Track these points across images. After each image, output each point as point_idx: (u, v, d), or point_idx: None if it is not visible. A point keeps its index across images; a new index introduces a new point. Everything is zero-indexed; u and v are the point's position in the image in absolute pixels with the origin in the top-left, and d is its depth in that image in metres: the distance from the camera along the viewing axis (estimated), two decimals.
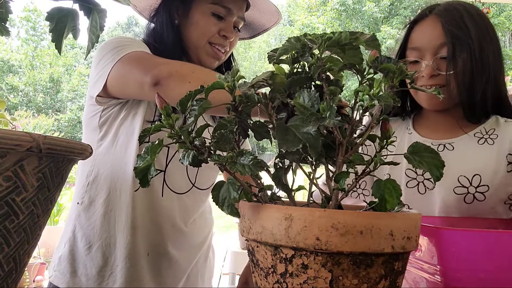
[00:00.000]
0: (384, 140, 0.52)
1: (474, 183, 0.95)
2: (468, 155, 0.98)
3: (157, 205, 1.04)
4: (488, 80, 0.97)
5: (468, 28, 0.97)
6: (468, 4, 1.03)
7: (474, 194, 0.95)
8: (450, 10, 1.00)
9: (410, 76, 0.50)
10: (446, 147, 1.02)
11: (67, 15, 0.67)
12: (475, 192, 0.95)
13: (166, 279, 1.07)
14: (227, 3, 1.07)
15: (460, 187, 0.96)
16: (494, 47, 0.99)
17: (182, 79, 0.87)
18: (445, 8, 1.01)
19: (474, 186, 0.95)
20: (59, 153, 0.53)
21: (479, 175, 0.95)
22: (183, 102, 0.53)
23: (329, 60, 0.51)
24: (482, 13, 1.02)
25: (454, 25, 0.97)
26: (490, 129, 1.01)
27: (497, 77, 0.99)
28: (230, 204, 0.49)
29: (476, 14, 1.00)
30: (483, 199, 0.94)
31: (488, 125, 1.01)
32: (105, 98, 1.02)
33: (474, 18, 0.98)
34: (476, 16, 0.99)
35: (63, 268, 1.03)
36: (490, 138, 0.99)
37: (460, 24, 0.97)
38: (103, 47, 1.01)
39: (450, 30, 0.97)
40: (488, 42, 0.98)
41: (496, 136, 0.99)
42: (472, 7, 1.02)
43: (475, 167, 0.96)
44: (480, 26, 0.98)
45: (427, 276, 0.63)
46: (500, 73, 1.00)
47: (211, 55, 1.10)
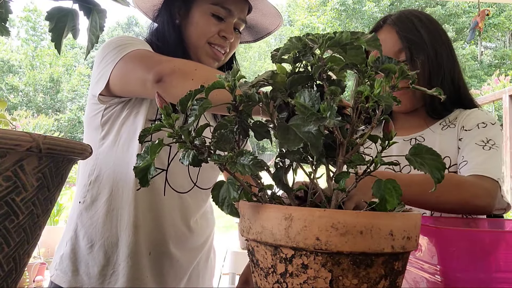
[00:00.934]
0: (386, 140, 0.52)
1: (446, 164, 1.02)
2: (436, 141, 1.07)
3: (159, 204, 1.04)
4: (444, 79, 1.06)
5: (420, 33, 1.06)
6: (418, 12, 1.12)
7: None
8: (402, 18, 1.09)
9: (411, 77, 0.50)
10: (417, 139, 1.11)
11: (66, 15, 0.67)
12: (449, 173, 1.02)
13: (168, 279, 1.07)
14: (228, 5, 1.07)
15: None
16: (446, 48, 1.08)
17: (184, 76, 0.87)
18: (397, 17, 1.10)
19: (447, 168, 1.02)
20: (59, 153, 0.53)
21: (448, 157, 1.04)
22: (183, 101, 0.53)
23: (331, 60, 0.51)
24: (431, 18, 1.11)
25: (408, 32, 1.06)
26: (453, 118, 1.10)
27: (452, 75, 1.08)
28: (230, 204, 0.49)
29: (426, 20, 1.09)
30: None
31: (452, 116, 1.11)
32: (108, 97, 1.02)
33: (425, 24, 1.08)
34: (426, 21, 1.08)
35: (65, 267, 1.03)
36: (452, 123, 1.08)
37: (413, 30, 1.06)
38: (106, 46, 1.01)
39: (405, 36, 1.06)
40: (441, 45, 1.07)
41: (457, 121, 1.09)
42: (422, 13, 1.11)
43: (443, 150, 1.04)
44: (431, 31, 1.07)
45: (427, 276, 0.63)
46: (455, 71, 1.09)
47: (210, 56, 1.10)
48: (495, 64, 18.72)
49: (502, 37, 19.90)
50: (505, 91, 3.66)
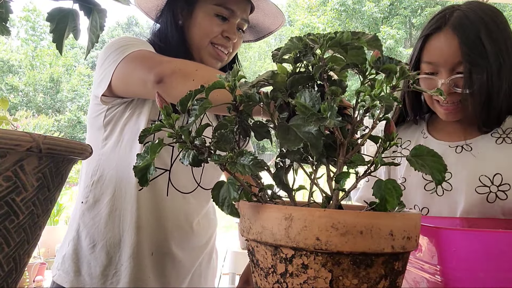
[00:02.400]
0: (387, 141, 0.52)
1: (496, 182, 0.95)
2: (487, 155, 0.98)
3: (161, 204, 1.04)
4: (505, 94, 0.95)
5: (485, 48, 0.93)
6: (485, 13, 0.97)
7: (496, 193, 0.95)
8: (466, 25, 0.95)
9: (412, 77, 0.50)
10: (464, 148, 1.02)
11: (67, 15, 0.67)
12: (497, 191, 0.95)
13: (170, 279, 1.07)
14: (231, 5, 1.07)
15: (482, 186, 0.96)
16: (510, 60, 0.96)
17: (185, 77, 0.87)
18: (460, 21, 0.96)
19: (496, 185, 0.95)
20: (59, 153, 0.53)
21: (500, 174, 0.95)
22: (183, 102, 0.53)
23: (332, 60, 0.51)
24: (500, 20, 0.98)
25: (471, 45, 0.93)
26: (507, 128, 1.00)
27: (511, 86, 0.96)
28: (230, 204, 0.49)
29: (494, 27, 0.95)
30: (505, 198, 0.94)
31: (505, 125, 1.00)
32: (110, 98, 1.02)
33: (492, 34, 0.94)
34: (494, 29, 0.95)
35: (67, 267, 1.03)
36: (508, 137, 0.99)
37: (477, 43, 0.93)
38: (108, 47, 1.01)
39: (467, 51, 0.93)
40: (506, 58, 0.95)
41: None
42: (490, 16, 0.97)
43: (496, 166, 0.96)
44: (498, 42, 0.94)
45: (427, 276, 0.63)
46: None
47: (213, 56, 1.10)
48: None
49: None
50: None
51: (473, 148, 1.01)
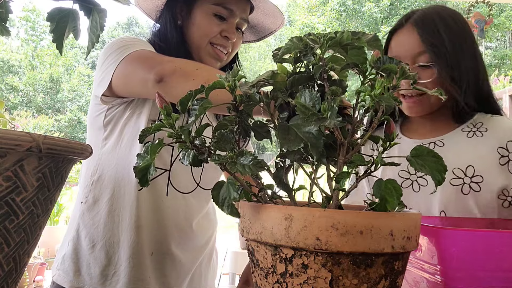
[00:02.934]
0: (388, 141, 0.52)
1: (469, 173, 0.98)
2: (459, 148, 1.02)
3: (161, 204, 1.04)
4: (468, 84, 1.00)
5: (442, 36, 1.00)
6: (444, 11, 1.05)
7: (470, 184, 0.98)
8: (425, 19, 1.03)
9: (413, 77, 0.50)
10: (437, 144, 1.06)
11: (67, 15, 0.67)
12: (471, 182, 0.98)
13: (170, 280, 1.07)
14: (229, 5, 1.07)
15: (456, 178, 0.99)
16: (471, 52, 1.02)
17: (186, 76, 0.87)
18: (420, 17, 1.03)
19: (469, 177, 0.98)
20: (59, 153, 0.53)
21: (472, 166, 0.99)
22: (183, 101, 0.53)
23: (332, 59, 0.51)
24: (458, 18, 1.05)
25: (430, 35, 1.00)
26: (477, 123, 1.04)
27: (477, 81, 1.02)
28: (230, 204, 0.49)
29: (451, 21, 1.02)
30: (478, 189, 0.97)
31: (475, 119, 1.05)
32: (110, 97, 1.02)
33: (449, 26, 1.01)
34: (451, 23, 1.02)
35: (66, 267, 1.03)
36: (479, 131, 1.03)
37: (435, 32, 1.00)
38: (108, 47, 1.01)
39: (427, 39, 1.00)
40: (464, 49, 1.01)
41: (485, 129, 1.02)
42: (447, 12, 1.04)
43: (467, 159, 1.00)
44: (455, 33, 1.01)
45: (427, 276, 0.63)
46: (479, 74, 1.03)
47: (212, 56, 1.10)
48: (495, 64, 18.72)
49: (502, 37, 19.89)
50: (505, 91, 3.66)
51: (445, 143, 1.05)
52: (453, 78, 0.99)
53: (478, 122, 1.04)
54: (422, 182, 1.04)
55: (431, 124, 1.09)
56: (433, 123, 1.09)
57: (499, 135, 1.00)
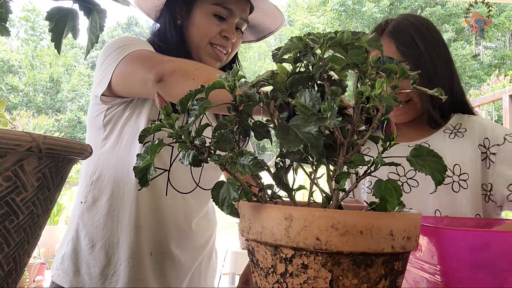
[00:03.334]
0: (388, 141, 0.52)
1: (456, 171, 1.03)
2: (444, 148, 1.06)
3: (161, 204, 1.04)
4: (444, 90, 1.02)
5: (419, 47, 1.04)
6: (416, 19, 1.09)
7: (459, 182, 1.02)
8: (400, 30, 1.07)
9: (413, 77, 0.50)
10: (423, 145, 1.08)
11: (66, 15, 0.67)
12: (459, 180, 1.02)
13: (170, 279, 1.07)
14: (229, 5, 1.07)
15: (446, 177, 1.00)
16: (444, 58, 1.07)
17: (185, 76, 0.87)
18: (395, 28, 1.08)
19: (457, 175, 1.03)
20: (59, 153, 0.53)
21: (458, 164, 1.03)
22: (183, 101, 0.53)
23: (332, 59, 0.51)
24: (428, 24, 1.09)
25: (406, 45, 1.05)
26: (456, 124, 1.10)
27: (451, 83, 1.07)
28: (230, 204, 0.49)
29: (424, 30, 1.07)
30: (466, 187, 1.02)
31: (453, 121, 1.11)
32: (110, 97, 1.02)
33: (423, 35, 1.06)
34: (425, 31, 1.06)
35: (66, 267, 1.03)
36: (459, 132, 1.08)
37: (412, 43, 1.05)
38: (108, 47, 1.01)
39: (404, 51, 1.04)
40: (439, 56, 1.06)
41: (464, 129, 1.08)
42: (419, 21, 1.09)
43: (453, 158, 1.04)
44: (430, 42, 1.06)
45: (428, 276, 0.63)
46: (453, 79, 1.08)
47: (212, 56, 1.10)
48: (495, 64, 18.72)
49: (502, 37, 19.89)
50: (505, 91, 3.66)
51: (430, 145, 1.08)
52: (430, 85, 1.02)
53: (457, 123, 1.09)
54: (412, 183, 1.06)
55: (413, 128, 1.13)
56: (415, 126, 1.13)
57: (476, 133, 1.05)
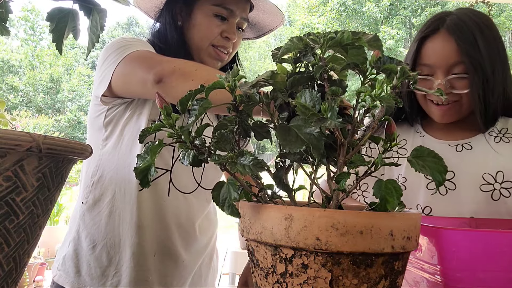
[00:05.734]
0: (388, 142, 0.52)
1: (498, 179, 0.97)
2: (488, 153, 1.00)
3: (163, 205, 1.04)
4: (498, 97, 0.99)
5: (479, 47, 0.96)
6: (478, 17, 1.01)
7: (500, 190, 0.97)
8: (461, 26, 0.99)
9: (413, 77, 0.50)
10: (465, 147, 1.03)
11: (67, 15, 0.67)
12: (501, 188, 0.97)
13: (172, 280, 1.06)
14: (229, 5, 1.07)
15: (486, 184, 0.98)
16: (501, 59, 1.00)
17: (185, 77, 0.87)
18: (455, 23, 0.99)
19: (499, 183, 0.97)
20: (59, 153, 0.53)
21: (501, 171, 0.97)
22: (183, 102, 0.53)
23: (332, 59, 0.51)
24: (491, 25, 1.02)
25: (468, 44, 0.97)
26: (502, 128, 1.03)
27: (506, 89, 1.01)
28: (230, 204, 0.49)
29: (486, 30, 0.99)
30: (508, 195, 0.96)
31: (499, 125, 1.04)
32: (110, 98, 1.02)
33: (485, 35, 0.98)
34: (486, 32, 0.99)
35: (67, 267, 1.03)
36: (505, 137, 1.02)
37: (473, 42, 0.97)
38: (108, 47, 1.01)
39: (465, 50, 0.96)
40: (498, 59, 0.99)
41: (510, 135, 1.02)
42: (482, 20, 1.01)
43: (497, 164, 0.98)
44: (490, 44, 0.98)
45: (427, 276, 0.63)
46: (507, 82, 1.01)
47: (213, 57, 1.10)
48: None
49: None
50: None
51: (473, 146, 1.02)
52: (487, 90, 0.97)
53: (503, 127, 1.03)
54: (449, 186, 1.00)
55: (455, 125, 1.06)
56: (458, 124, 1.06)
57: None
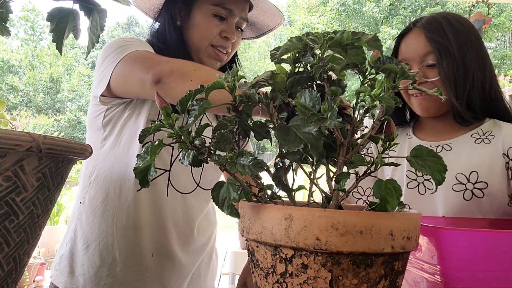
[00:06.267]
0: (387, 142, 0.52)
1: (472, 179, 0.98)
2: (464, 153, 1.01)
3: (161, 205, 1.04)
4: (472, 85, 1.01)
5: (447, 35, 1.02)
6: (450, 14, 1.08)
7: (472, 191, 0.97)
8: (431, 21, 1.06)
9: (412, 77, 0.50)
10: (444, 148, 1.06)
11: (67, 15, 0.67)
12: (473, 189, 0.97)
13: (170, 281, 1.06)
14: (228, 5, 1.07)
15: (458, 184, 0.99)
16: (477, 53, 1.03)
17: (183, 77, 0.87)
18: (427, 20, 1.07)
19: (472, 183, 0.98)
20: (59, 153, 0.53)
21: (475, 172, 0.98)
22: (183, 102, 0.53)
23: (331, 59, 0.51)
24: (464, 20, 1.07)
25: (436, 34, 1.03)
26: (487, 130, 1.04)
27: (483, 81, 1.02)
28: (230, 204, 0.49)
29: (456, 23, 1.05)
30: (481, 196, 0.97)
31: (486, 126, 1.05)
32: (109, 98, 1.02)
33: (454, 26, 1.04)
34: (456, 24, 1.04)
35: (62, 267, 1.03)
36: (487, 138, 1.02)
37: (441, 32, 1.03)
38: (107, 47, 1.01)
39: (432, 39, 1.02)
40: (470, 48, 1.02)
41: (493, 136, 1.02)
42: (453, 16, 1.07)
43: (471, 164, 0.99)
44: (460, 33, 1.03)
45: (427, 276, 0.63)
46: (485, 77, 1.03)
47: (212, 57, 1.10)
48: (495, 64, 18.72)
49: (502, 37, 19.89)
50: (505, 91, 3.66)
51: (452, 147, 1.04)
52: (458, 76, 1.00)
53: (488, 130, 1.04)
54: (428, 185, 1.03)
55: (441, 126, 1.09)
56: (443, 125, 1.09)
57: (502, 141, 1.00)
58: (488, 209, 0.96)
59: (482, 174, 0.97)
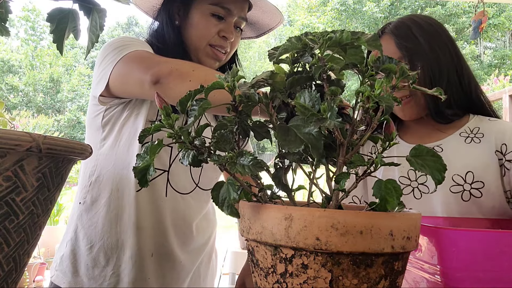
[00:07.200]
0: (387, 141, 0.52)
1: (468, 180, 0.98)
2: (458, 154, 1.01)
3: (160, 205, 1.04)
4: (448, 82, 1.01)
5: (418, 39, 1.02)
6: (418, 16, 1.08)
7: (470, 191, 0.97)
8: (400, 26, 1.06)
9: (412, 77, 0.50)
10: (435, 149, 1.05)
11: (67, 15, 0.67)
12: (471, 189, 0.97)
13: (170, 281, 1.06)
14: (227, 4, 1.07)
15: (455, 185, 0.99)
16: (449, 50, 1.03)
17: (182, 77, 0.87)
18: (395, 25, 1.07)
19: (469, 183, 0.97)
20: (59, 153, 0.53)
21: (471, 172, 0.98)
22: (183, 102, 0.53)
23: (330, 59, 0.51)
24: (431, 20, 1.07)
25: (406, 39, 1.03)
26: (474, 127, 1.04)
27: (460, 77, 1.02)
28: (229, 204, 0.49)
29: (425, 24, 1.05)
30: (479, 195, 0.96)
31: (472, 124, 1.05)
32: (108, 98, 1.02)
33: (423, 28, 1.04)
34: (425, 25, 1.05)
35: (64, 267, 1.03)
36: (476, 137, 1.02)
37: (411, 37, 1.03)
38: (106, 47, 1.01)
39: (403, 45, 1.03)
40: (442, 47, 1.03)
41: (481, 135, 1.02)
42: (421, 17, 1.07)
43: (467, 165, 0.99)
44: (430, 34, 1.03)
45: (427, 276, 0.63)
46: (462, 72, 1.03)
47: (211, 57, 1.10)
48: (495, 64, 18.72)
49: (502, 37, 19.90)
50: (505, 91, 3.65)
51: (443, 149, 1.03)
52: (433, 76, 1.00)
53: (475, 127, 1.04)
54: (423, 189, 1.02)
55: (426, 127, 1.09)
56: (427, 126, 1.08)
57: (494, 139, 1.00)
58: (488, 209, 0.96)
59: (478, 174, 0.97)
